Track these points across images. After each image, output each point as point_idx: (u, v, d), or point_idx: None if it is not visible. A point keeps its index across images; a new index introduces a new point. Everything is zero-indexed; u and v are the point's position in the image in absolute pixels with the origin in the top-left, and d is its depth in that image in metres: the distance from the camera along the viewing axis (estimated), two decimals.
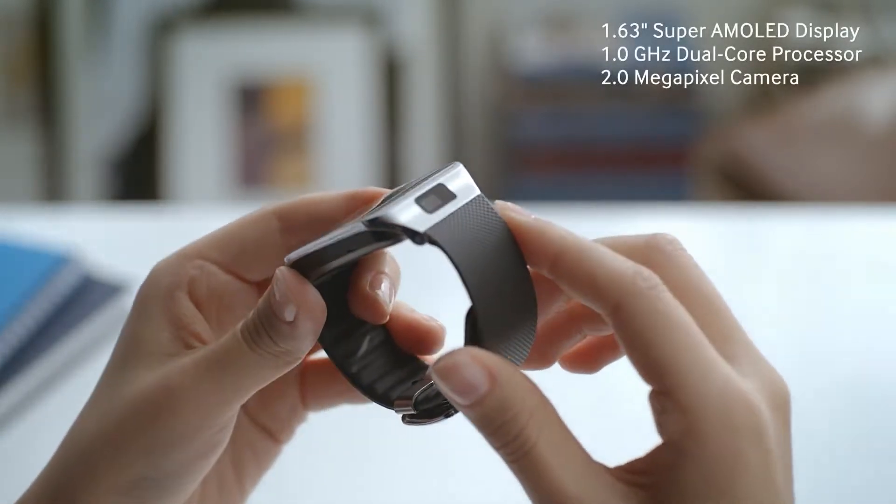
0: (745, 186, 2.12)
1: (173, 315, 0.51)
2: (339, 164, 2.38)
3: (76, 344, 0.93)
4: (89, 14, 2.37)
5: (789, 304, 1.04)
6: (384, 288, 0.52)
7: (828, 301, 1.05)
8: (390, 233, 0.48)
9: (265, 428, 0.56)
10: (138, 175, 2.43)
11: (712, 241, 1.14)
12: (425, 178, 0.49)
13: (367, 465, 0.84)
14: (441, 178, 0.49)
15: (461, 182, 0.49)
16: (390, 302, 0.52)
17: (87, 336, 0.94)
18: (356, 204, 0.52)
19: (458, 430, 0.79)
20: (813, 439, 0.84)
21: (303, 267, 0.50)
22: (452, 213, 0.48)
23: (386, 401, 0.53)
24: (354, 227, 0.48)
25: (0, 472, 0.81)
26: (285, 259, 0.50)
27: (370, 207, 0.51)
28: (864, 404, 0.90)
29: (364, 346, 0.54)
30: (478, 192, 0.48)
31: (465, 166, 0.50)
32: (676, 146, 2.44)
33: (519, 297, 0.48)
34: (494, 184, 2.53)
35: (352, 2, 2.43)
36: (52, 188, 2.40)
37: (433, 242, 0.47)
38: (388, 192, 0.52)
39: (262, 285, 0.54)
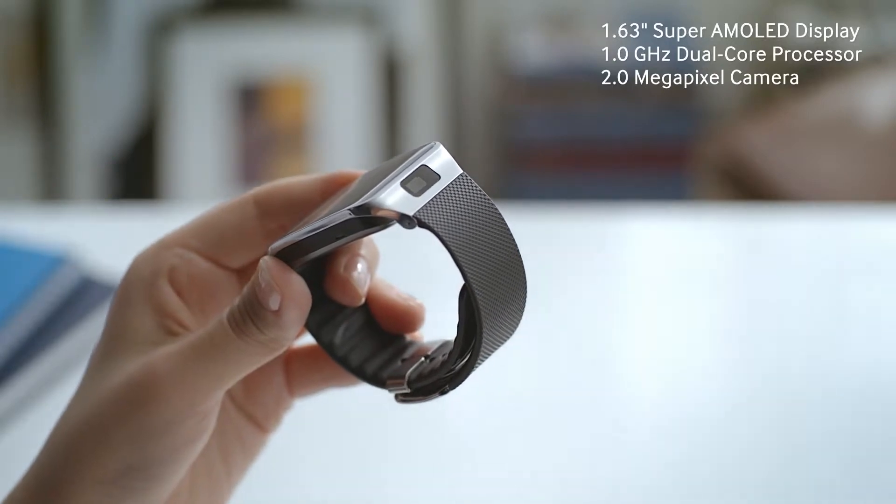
0: (746, 186, 2.12)
1: (156, 303, 0.51)
2: (339, 164, 2.38)
3: (74, 345, 0.93)
4: (88, 13, 2.36)
5: (790, 304, 1.04)
6: (359, 270, 0.52)
7: (828, 301, 1.05)
8: (378, 219, 0.48)
9: (252, 416, 0.56)
10: (137, 174, 2.43)
11: (713, 241, 1.14)
12: (405, 160, 0.49)
13: (355, 452, 0.84)
14: (423, 159, 0.49)
15: (443, 161, 0.49)
16: (365, 284, 0.52)
17: (86, 337, 0.94)
18: (332, 186, 0.52)
19: (444, 413, 0.79)
20: (813, 439, 0.84)
21: (286, 255, 0.50)
22: (439, 194, 0.48)
23: (377, 381, 0.53)
24: (341, 214, 0.48)
25: None
26: (269, 248, 0.50)
27: (347, 189, 0.51)
28: (866, 403, 0.90)
29: (349, 328, 0.54)
30: (460, 170, 0.49)
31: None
32: (676, 146, 2.44)
33: (509, 269, 0.48)
34: (495, 183, 2.53)
35: (352, 1, 2.43)
36: (51, 187, 2.40)
37: (423, 225, 0.47)
38: (364, 172, 0.52)
39: (242, 272, 0.54)
